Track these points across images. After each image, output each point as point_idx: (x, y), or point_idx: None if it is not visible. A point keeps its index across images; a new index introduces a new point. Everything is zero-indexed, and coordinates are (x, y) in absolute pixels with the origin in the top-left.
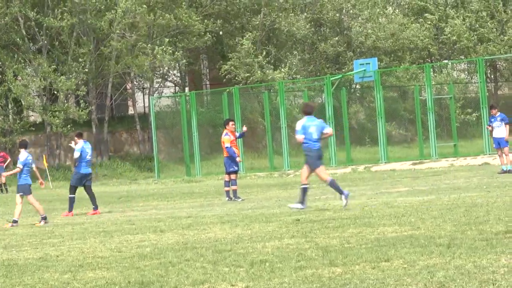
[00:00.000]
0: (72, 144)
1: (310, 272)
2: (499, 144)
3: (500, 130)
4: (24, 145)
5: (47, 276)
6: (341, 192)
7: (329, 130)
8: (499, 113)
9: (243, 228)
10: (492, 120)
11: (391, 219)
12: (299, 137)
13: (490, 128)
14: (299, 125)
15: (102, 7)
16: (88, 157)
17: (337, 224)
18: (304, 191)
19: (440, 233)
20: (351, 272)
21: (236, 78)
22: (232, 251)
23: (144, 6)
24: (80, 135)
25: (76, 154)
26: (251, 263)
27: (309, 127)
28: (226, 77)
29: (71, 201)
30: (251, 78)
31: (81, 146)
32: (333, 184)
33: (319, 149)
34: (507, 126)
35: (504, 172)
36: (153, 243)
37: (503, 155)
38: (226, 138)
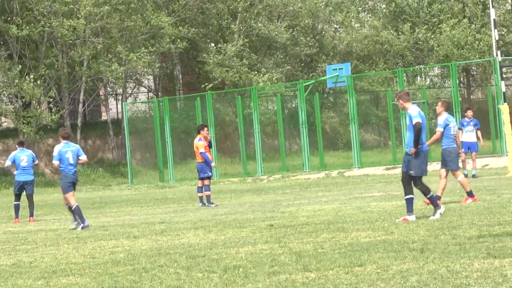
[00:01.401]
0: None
1: (283, 277)
2: (469, 149)
3: (472, 135)
4: None
5: (20, 283)
6: (82, 221)
7: (84, 157)
8: (472, 118)
9: (217, 233)
10: (465, 124)
11: (364, 224)
12: (55, 162)
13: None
14: (55, 151)
15: (65, 10)
16: (24, 164)
17: (310, 229)
18: (74, 211)
19: (413, 238)
20: (325, 277)
21: (214, 78)
22: (206, 256)
23: (107, 7)
24: (20, 144)
25: (6, 163)
26: (224, 268)
27: (66, 152)
28: (202, 75)
29: (15, 208)
30: (230, 75)
31: (13, 155)
32: (77, 211)
33: (74, 173)
34: (479, 131)
35: (473, 176)
36: (127, 249)
37: (471, 160)
38: (201, 144)
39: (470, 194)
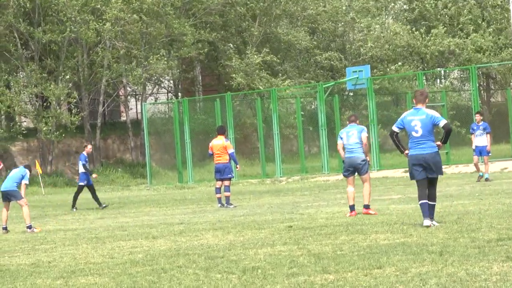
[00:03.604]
0: None
1: (302, 279)
2: (480, 153)
3: (482, 139)
4: None
5: (39, 282)
6: None
7: None
8: (482, 121)
9: (236, 234)
10: (475, 128)
11: (383, 226)
12: None
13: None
14: None
15: (91, 17)
16: None
17: (329, 231)
18: None
19: (432, 241)
20: (344, 279)
21: (239, 86)
22: (225, 257)
23: (135, 15)
24: None
25: None
26: (243, 270)
27: None
28: (222, 75)
29: None
30: (252, 82)
31: None
32: None
33: None
34: (489, 135)
35: (486, 179)
36: (146, 249)
37: (484, 163)
38: (229, 144)
39: (352, 208)
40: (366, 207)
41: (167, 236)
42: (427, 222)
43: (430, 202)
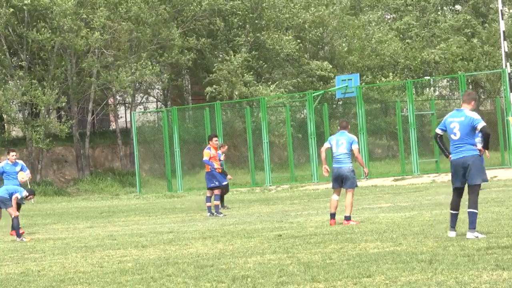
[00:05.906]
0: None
1: (292, 287)
2: None
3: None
4: None
5: None
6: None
7: None
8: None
9: (225, 243)
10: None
11: (373, 235)
12: None
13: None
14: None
15: (79, 24)
16: None
17: (319, 239)
18: None
19: (422, 249)
20: None
21: (219, 95)
22: (214, 266)
23: (123, 23)
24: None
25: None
26: (233, 278)
27: None
28: (209, 94)
29: None
30: (236, 93)
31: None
32: None
33: None
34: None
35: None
36: (135, 258)
37: None
38: (207, 152)
39: (332, 216)
40: (347, 218)
41: (156, 245)
42: (452, 233)
43: (470, 210)
